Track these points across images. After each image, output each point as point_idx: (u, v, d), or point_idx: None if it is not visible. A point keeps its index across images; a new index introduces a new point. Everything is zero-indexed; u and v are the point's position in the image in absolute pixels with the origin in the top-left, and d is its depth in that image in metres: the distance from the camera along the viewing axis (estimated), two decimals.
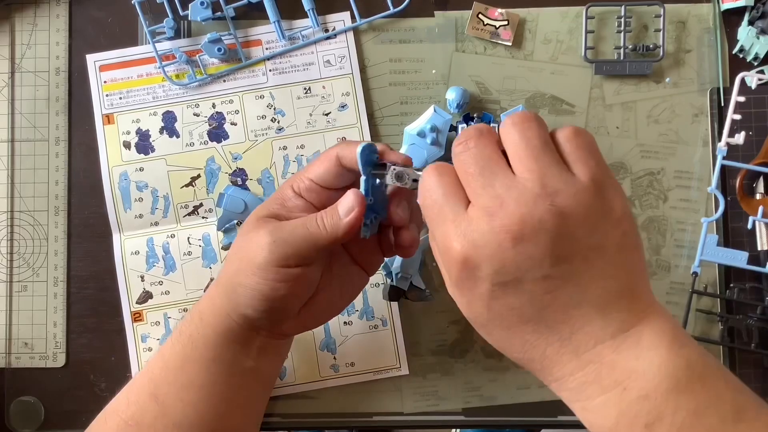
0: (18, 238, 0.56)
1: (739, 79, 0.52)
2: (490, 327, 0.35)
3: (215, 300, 0.44)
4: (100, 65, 0.56)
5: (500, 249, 0.32)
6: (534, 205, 0.31)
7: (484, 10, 0.55)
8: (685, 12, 0.55)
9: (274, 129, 0.56)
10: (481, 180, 0.33)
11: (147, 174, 0.56)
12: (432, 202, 0.35)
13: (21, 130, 0.56)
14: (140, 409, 0.43)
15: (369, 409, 0.56)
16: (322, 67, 0.56)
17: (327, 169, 0.42)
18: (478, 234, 0.32)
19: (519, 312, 0.33)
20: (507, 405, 0.55)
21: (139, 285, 0.56)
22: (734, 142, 0.52)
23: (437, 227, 0.34)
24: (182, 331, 0.44)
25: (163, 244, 0.56)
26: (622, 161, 0.55)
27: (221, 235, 0.55)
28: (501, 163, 0.34)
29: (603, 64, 0.55)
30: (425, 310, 0.55)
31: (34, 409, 0.56)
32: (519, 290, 0.32)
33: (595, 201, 0.32)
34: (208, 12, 0.55)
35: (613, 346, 0.32)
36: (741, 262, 0.52)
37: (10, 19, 0.57)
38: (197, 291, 0.56)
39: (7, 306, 0.56)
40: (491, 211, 0.31)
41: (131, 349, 0.55)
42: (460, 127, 0.52)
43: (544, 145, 0.34)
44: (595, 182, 0.33)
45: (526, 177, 0.32)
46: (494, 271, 0.32)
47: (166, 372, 0.44)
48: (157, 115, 0.56)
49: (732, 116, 0.52)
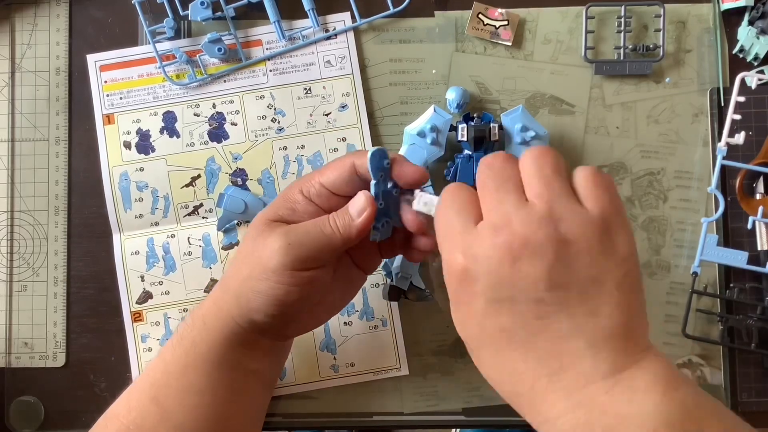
0: (18, 238, 0.56)
1: (739, 79, 0.52)
2: (482, 350, 0.34)
3: (220, 305, 0.44)
4: (100, 65, 0.56)
5: (499, 265, 0.32)
6: (538, 227, 0.32)
7: (484, 10, 0.55)
8: (685, 12, 0.55)
9: (275, 129, 0.56)
10: (496, 196, 0.34)
11: (147, 174, 0.56)
12: (444, 215, 0.35)
13: (21, 130, 0.56)
14: (141, 414, 0.43)
15: (369, 409, 0.56)
16: (323, 68, 0.56)
17: (340, 176, 0.42)
18: (481, 248, 0.32)
19: (509, 334, 0.32)
20: (507, 405, 0.55)
21: (139, 285, 0.56)
22: (734, 142, 0.52)
23: (445, 240, 0.35)
24: (184, 335, 0.44)
25: (163, 244, 0.56)
26: (622, 161, 0.55)
27: (221, 236, 0.55)
28: (517, 186, 0.34)
29: (603, 64, 0.55)
30: (425, 310, 0.55)
31: (34, 409, 0.56)
32: (512, 310, 0.32)
33: (600, 236, 0.32)
34: (208, 12, 0.55)
35: (604, 387, 0.31)
36: (741, 262, 0.52)
37: (10, 19, 0.57)
38: (197, 291, 0.56)
39: (7, 306, 0.56)
40: (497, 227, 0.32)
41: (131, 349, 0.55)
42: (460, 127, 0.52)
43: (556, 175, 0.34)
44: (603, 218, 0.33)
45: (536, 201, 0.33)
46: (490, 286, 0.32)
47: (168, 376, 0.43)
48: (158, 115, 0.56)
49: (732, 116, 0.52)
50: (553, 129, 0.55)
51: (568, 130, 0.56)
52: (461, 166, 0.54)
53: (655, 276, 0.55)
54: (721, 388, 0.54)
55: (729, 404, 0.54)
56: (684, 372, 0.55)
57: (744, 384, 0.54)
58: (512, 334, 0.32)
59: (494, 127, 0.52)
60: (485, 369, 0.35)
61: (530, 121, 0.53)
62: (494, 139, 0.52)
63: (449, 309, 0.36)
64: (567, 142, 0.56)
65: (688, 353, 0.55)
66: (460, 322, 0.35)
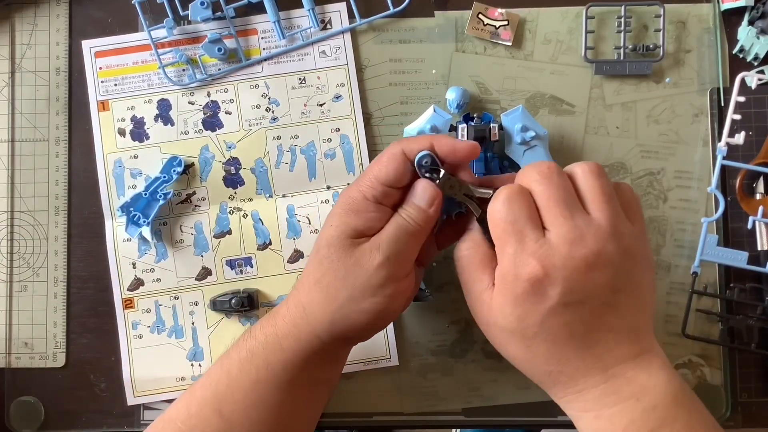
0: (18, 238, 0.56)
1: (739, 80, 0.52)
2: (533, 339, 0.39)
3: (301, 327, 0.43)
4: (95, 51, 0.56)
5: (575, 273, 0.38)
6: (607, 242, 0.38)
7: (484, 10, 0.55)
8: (685, 12, 0.55)
9: (269, 119, 0.56)
10: (565, 211, 0.38)
11: (141, 161, 0.56)
12: (511, 220, 0.39)
13: (21, 130, 0.56)
14: (202, 423, 0.43)
15: (369, 409, 0.56)
16: (318, 58, 0.56)
17: (396, 169, 0.42)
18: (559, 258, 0.38)
19: (570, 329, 0.38)
20: (507, 405, 0.55)
21: (131, 272, 0.56)
22: (734, 142, 0.52)
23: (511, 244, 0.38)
24: (254, 353, 0.44)
25: (155, 231, 0.56)
26: (622, 161, 0.55)
27: (213, 224, 0.55)
28: (578, 200, 0.40)
29: (603, 64, 0.55)
30: (425, 310, 0.55)
31: (34, 409, 0.56)
32: (578, 310, 0.38)
33: (643, 247, 0.40)
34: (208, 12, 0.55)
35: (632, 365, 0.39)
36: (741, 262, 0.52)
37: (10, 19, 0.57)
38: (188, 279, 0.56)
39: (7, 306, 0.56)
40: (572, 240, 0.37)
41: (121, 336, 0.55)
42: (460, 127, 0.52)
43: (613, 194, 0.40)
44: (643, 233, 0.41)
45: (600, 217, 0.38)
46: (565, 291, 0.38)
47: (233, 390, 0.43)
48: (152, 102, 0.56)
49: (732, 116, 0.52)
50: (553, 129, 0.55)
51: (568, 130, 0.56)
52: None
53: (656, 276, 0.55)
54: (721, 388, 0.54)
55: (729, 404, 0.54)
56: (684, 372, 0.55)
57: (744, 384, 0.54)
58: (573, 329, 0.38)
59: (494, 127, 0.52)
60: (527, 352, 0.39)
61: (530, 121, 0.53)
62: (494, 139, 0.52)
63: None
64: (567, 142, 0.56)
65: (688, 353, 0.55)
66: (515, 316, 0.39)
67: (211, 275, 0.56)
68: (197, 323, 0.56)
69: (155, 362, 0.55)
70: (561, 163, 0.44)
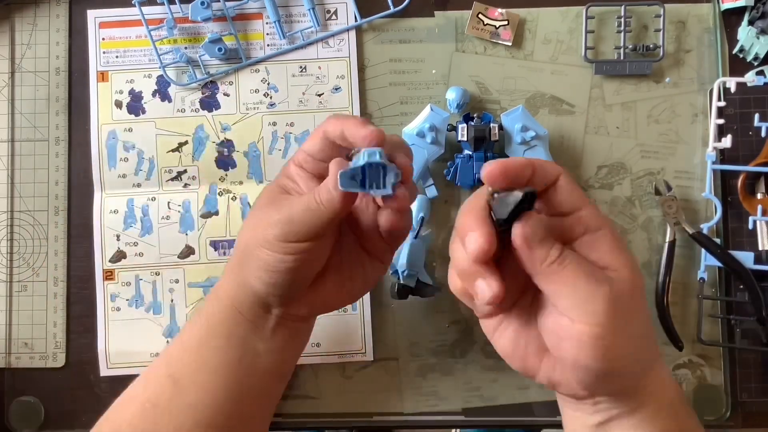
0: (18, 238, 0.56)
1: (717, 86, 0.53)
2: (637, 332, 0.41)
3: (228, 275, 0.45)
4: (100, 22, 0.56)
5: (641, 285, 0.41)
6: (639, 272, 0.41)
7: (484, 10, 0.55)
8: (685, 12, 0.55)
9: (266, 104, 0.56)
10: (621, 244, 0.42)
11: (135, 135, 0.56)
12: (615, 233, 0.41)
13: (21, 130, 0.56)
14: (157, 390, 0.44)
15: (369, 409, 0.56)
16: (320, 48, 0.56)
17: (315, 144, 0.44)
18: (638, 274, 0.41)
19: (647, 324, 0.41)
20: (507, 405, 0.55)
21: (114, 244, 0.56)
22: (722, 146, 0.53)
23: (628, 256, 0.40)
24: (200, 310, 0.46)
25: (142, 206, 0.56)
26: (622, 161, 0.55)
27: (201, 203, 0.56)
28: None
29: (603, 64, 0.55)
30: (425, 310, 0.55)
31: (34, 409, 0.56)
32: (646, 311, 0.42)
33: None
34: (209, 12, 0.55)
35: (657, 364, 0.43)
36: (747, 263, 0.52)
37: (10, 19, 0.57)
38: (171, 256, 0.56)
39: (7, 306, 0.56)
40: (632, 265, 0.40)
41: (99, 306, 0.56)
42: (460, 127, 0.52)
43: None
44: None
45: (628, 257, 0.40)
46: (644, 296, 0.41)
47: (183, 353, 0.45)
48: (152, 77, 0.56)
49: (716, 121, 0.53)
50: (553, 129, 0.55)
51: (568, 130, 0.56)
52: (461, 166, 0.54)
53: (655, 276, 0.55)
54: (721, 388, 0.54)
55: (729, 404, 0.54)
56: (684, 372, 0.55)
57: (744, 384, 0.54)
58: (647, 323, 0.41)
59: (494, 127, 0.52)
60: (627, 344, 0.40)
61: (530, 121, 0.53)
62: (494, 139, 0.52)
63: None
64: (567, 142, 0.56)
65: (688, 353, 0.55)
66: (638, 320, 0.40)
67: (194, 254, 0.56)
68: (176, 301, 0.56)
69: (131, 336, 0.56)
70: (561, 163, 0.44)
